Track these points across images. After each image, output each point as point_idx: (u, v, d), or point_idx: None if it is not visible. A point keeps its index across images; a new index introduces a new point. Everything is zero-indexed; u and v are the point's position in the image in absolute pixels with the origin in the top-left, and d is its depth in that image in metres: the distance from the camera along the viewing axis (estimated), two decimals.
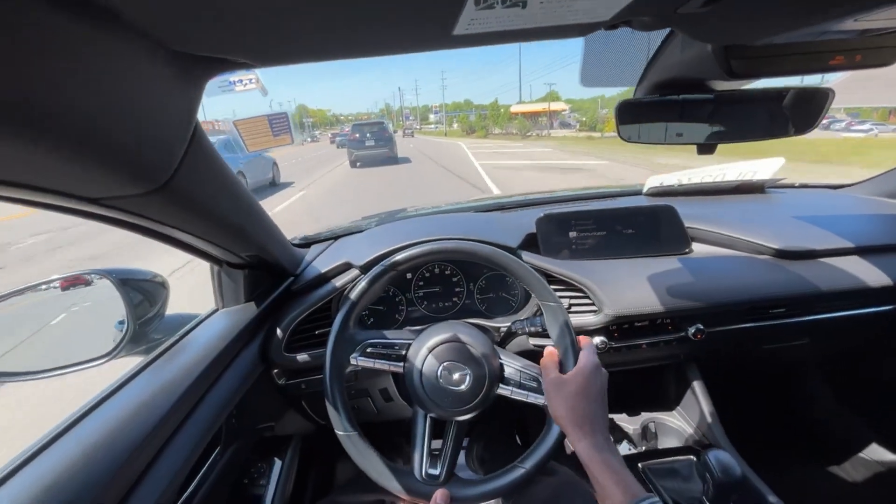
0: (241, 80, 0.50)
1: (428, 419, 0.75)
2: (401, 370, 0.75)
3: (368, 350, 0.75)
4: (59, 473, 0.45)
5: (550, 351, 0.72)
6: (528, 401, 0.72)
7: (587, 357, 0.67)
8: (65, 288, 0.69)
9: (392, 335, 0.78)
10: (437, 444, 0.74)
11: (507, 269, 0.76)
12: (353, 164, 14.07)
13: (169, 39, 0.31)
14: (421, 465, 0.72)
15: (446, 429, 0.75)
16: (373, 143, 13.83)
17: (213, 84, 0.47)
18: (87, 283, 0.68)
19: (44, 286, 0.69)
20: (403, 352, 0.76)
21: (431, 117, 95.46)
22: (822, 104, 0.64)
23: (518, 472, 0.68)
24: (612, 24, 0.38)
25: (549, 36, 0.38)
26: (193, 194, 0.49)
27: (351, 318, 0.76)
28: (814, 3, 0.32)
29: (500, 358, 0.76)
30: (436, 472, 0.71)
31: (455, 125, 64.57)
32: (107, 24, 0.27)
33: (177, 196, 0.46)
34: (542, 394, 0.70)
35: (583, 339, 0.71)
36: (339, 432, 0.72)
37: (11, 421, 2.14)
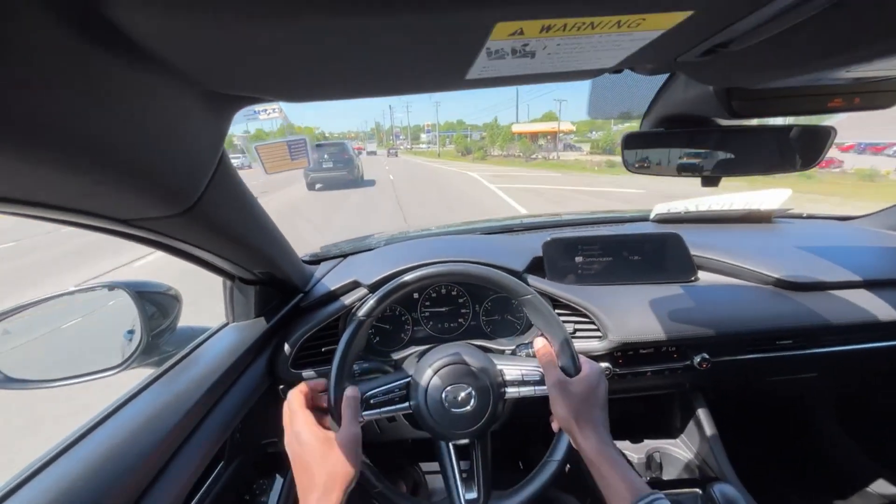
0: (265, 110, 0.54)
1: (451, 446, 0.74)
2: (410, 410, 0.74)
3: (371, 402, 0.73)
4: (67, 485, 0.46)
5: (543, 344, 0.72)
6: (537, 394, 0.72)
7: (591, 363, 0.69)
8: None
9: (387, 379, 0.77)
10: (464, 464, 0.74)
11: (480, 278, 0.75)
12: (310, 187, 12.96)
13: (203, 80, 0.34)
14: (458, 494, 0.71)
15: (471, 449, 0.75)
16: (330, 164, 12.77)
17: (239, 113, 0.50)
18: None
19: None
20: (405, 391, 0.75)
21: (423, 137, 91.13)
22: (824, 141, 0.66)
23: (552, 466, 0.69)
24: (616, 69, 0.41)
25: (557, 79, 0.40)
26: (216, 216, 0.52)
27: (343, 376, 0.71)
28: (805, 57, 0.34)
29: (497, 364, 0.76)
30: (473, 495, 0.71)
31: (449, 145, 62.85)
32: (145, 66, 0.30)
33: (201, 218, 0.48)
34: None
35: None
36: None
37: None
